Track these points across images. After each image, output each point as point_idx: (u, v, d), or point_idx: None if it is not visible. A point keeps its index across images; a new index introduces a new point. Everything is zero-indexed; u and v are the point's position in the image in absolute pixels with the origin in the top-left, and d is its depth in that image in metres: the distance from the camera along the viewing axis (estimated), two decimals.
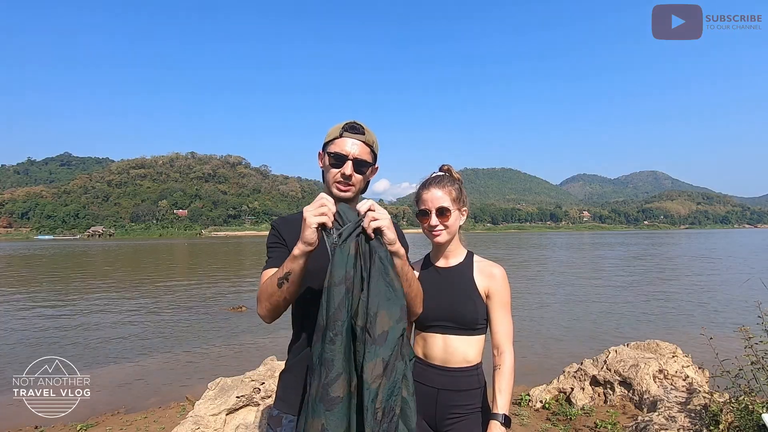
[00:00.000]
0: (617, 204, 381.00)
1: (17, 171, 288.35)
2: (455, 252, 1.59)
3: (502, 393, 1.42)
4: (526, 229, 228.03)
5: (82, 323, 9.85)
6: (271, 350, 6.48)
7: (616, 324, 9.22)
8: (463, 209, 1.58)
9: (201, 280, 18.49)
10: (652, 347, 4.49)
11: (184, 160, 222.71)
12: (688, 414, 3.03)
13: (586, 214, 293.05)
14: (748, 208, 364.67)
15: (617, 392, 4.04)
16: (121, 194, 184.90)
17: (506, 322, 1.51)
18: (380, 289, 1.14)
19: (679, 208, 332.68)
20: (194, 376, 6.10)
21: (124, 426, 4.15)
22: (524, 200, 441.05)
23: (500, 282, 1.53)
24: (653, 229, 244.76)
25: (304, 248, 1.15)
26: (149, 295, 14.31)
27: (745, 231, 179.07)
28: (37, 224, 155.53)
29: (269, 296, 1.23)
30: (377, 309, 1.12)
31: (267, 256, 1.40)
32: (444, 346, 1.50)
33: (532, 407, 4.21)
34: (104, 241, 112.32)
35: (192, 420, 3.11)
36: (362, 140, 1.37)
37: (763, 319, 2.80)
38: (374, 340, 1.10)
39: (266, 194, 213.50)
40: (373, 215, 1.17)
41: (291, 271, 1.18)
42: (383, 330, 1.11)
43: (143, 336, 8.64)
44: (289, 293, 1.21)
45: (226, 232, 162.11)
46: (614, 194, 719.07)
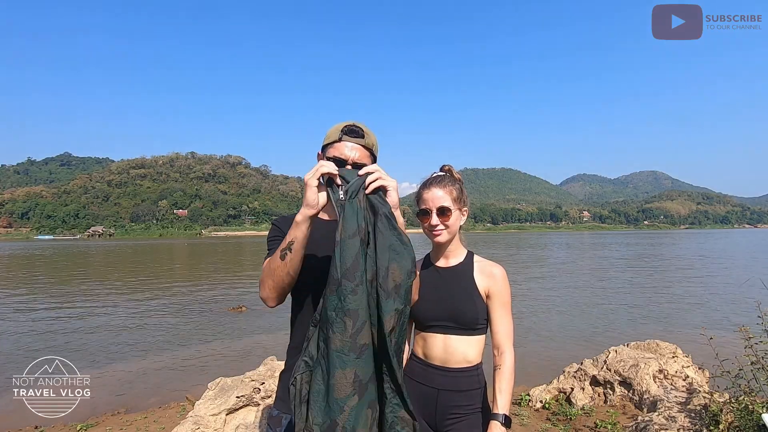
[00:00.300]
0: (617, 204, 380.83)
1: (17, 171, 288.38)
2: (455, 252, 1.59)
3: (503, 393, 1.41)
4: (526, 229, 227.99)
5: (82, 323, 9.85)
6: (271, 350, 6.49)
7: (616, 324, 9.21)
8: (464, 209, 1.58)
9: (201, 281, 18.49)
10: (652, 347, 4.49)
11: (184, 160, 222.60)
12: (688, 414, 3.03)
13: (586, 214, 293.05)
14: (748, 208, 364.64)
15: (617, 392, 4.04)
16: (121, 194, 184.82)
17: (506, 322, 1.51)
18: (389, 243, 1.17)
19: (679, 208, 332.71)
20: (194, 376, 6.10)
21: (124, 426, 4.15)
22: (524, 200, 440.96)
23: (501, 282, 1.53)
24: (653, 229, 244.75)
25: (306, 212, 1.18)
26: (149, 295, 14.31)
27: (745, 231, 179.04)
28: (37, 224, 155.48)
29: (272, 272, 1.25)
30: (387, 263, 1.16)
31: (267, 249, 1.41)
32: (444, 346, 1.50)
33: (532, 407, 4.21)
34: (104, 241, 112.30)
35: (192, 420, 3.11)
36: (362, 144, 1.36)
37: (763, 319, 2.80)
38: (388, 294, 1.14)
39: (266, 194, 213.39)
40: (378, 175, 1.20)
41: (294, 239, 1.20)
42: (396, 283, 1.15)
43: (143, 336, 8.64)
44: (292, 266, 1.23)
45: (226, 232, 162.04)
46: (614, 194, 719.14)
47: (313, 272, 1.37)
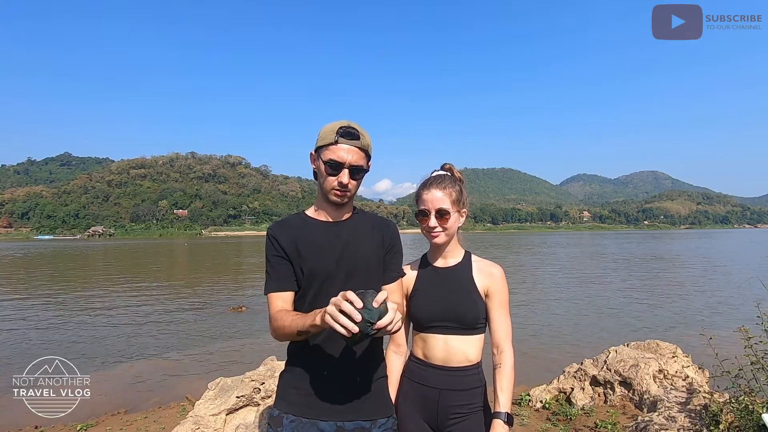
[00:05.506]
0: (617, 204, 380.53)
1: (17, 171, 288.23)
2: (453, 252, 1.59)
3: (504, 391, 1.42)
4: (526, 229, 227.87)
5: (82, 323, 9.85)
6: (271, 350, 6.47)
7: (616, 324, 9.22)
8: (463, 211, 1.57)
9: (201, 281, 18.49)
10: (652, 347, 4.48)
11: (184, 160, 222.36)
12: (688, 414, 3.02)
13: (586, 214, 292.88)
14: (748, 208, 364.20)
15: (617, 392, 4.04)
16: (121, 194, 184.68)
17: (505, 321, 1.51)
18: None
19: (679, 208, 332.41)
20: (194, 376, 6.10)
21: (124, 426, 4.15)
22: (524, 200, 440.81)
23: (499, 281, 1.53)
24: (653, 229, 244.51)
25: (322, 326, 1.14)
26: (149, 295, 14.31)
27: (745, 231, 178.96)
28: (37, 224, 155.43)
29: (286, 336, 1.30)
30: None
31: (266, 271, 1.40)
32: (445, 346, 1.49)
33: (532, 407, 4.21)
34: (104, 241, 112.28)
35: (192, 420, 3.10)
36: (357, 146, 1.35)
37: (762, 319, 2.79)
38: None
39: (266, 194, 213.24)
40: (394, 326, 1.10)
41: (310, 332, 1.22)
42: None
43: (143, 336, 8.64)
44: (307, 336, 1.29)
45: (227, 232, 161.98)
46: (614, 194, 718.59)
47: (314, 275, 1.37)
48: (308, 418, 1.34)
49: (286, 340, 1.35)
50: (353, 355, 1.37)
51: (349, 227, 1.45)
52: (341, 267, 1.38)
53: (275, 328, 1.32)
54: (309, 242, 1.39)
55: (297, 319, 1.24)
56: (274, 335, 1.34)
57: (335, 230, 1.43)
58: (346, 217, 1.47)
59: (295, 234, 1.40)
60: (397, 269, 1.51)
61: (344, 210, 1.46)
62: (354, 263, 1.40)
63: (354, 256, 1.40)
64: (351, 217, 1.48)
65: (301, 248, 1.38)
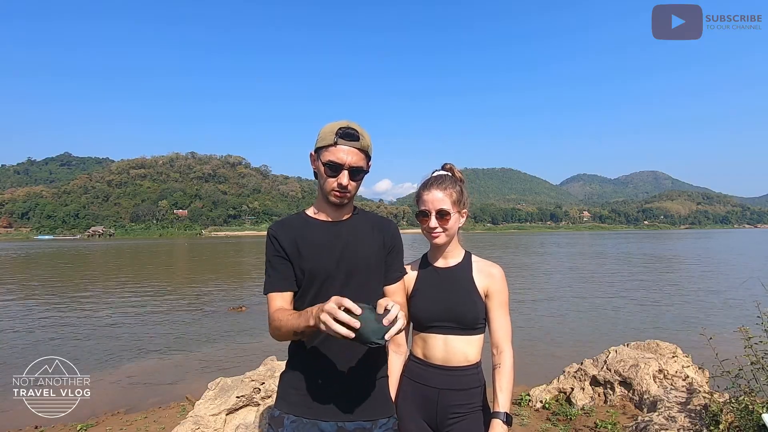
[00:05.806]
0: (617, 204, 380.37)
1: (17, 171, 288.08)
2: (453, 252, 1.59)
3: (503, 391, 1.42)
4: (526, 229, 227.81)
5: (82, 323, 9.85)
6: (271, 350, 6.47)
7: (616, 324, 9.22)
8: (463, 211, 1.57)
9: (201, 281, 18.49)
10: (652, 347, 4.48)
11: (184, 160, 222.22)
12: (688, 414, 3.02)
13: (586, 214, 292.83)
14: (748, 208, 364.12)
15: (617, 392, 4.04)
16: (121, 194, 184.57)
17: (505, 322, 1.52)
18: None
19: (679, 208, 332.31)
20: (194, 376, 6.10)
21: (124, 426, 4.15)
22: (524, 200, 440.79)
23: (499, 281, 1.53)
24: (653, 229, 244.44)
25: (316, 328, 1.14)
26: (149, 295, 14.31)
27: (745, 231, 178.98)
28: (37, 224, 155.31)
29: (284, 335, 1.31)
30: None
31: (266, 270, 1.40)
32: (445, 346, 1.49)
33: (532, 407, 4.21)
34: (104, 241, 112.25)
35: (192, 420, 3.10)
36: (357, 147, 1.35)
37: (762, 319, 2.79)
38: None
39: (266, 194, 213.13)
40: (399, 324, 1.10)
41: (306, 332, 1.22)
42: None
43: (143, 336, 8.64)
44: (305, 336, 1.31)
45: (227, 232, 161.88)
46: (614, 194, 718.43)
47: (314, 275, 1.37)
48: (309, 418, 1.34)
49: (285, 339, 1.35)
50: (354, 355, 1.37)
51: (349, 227, 1.45)
52: (341, 267, 1.39)
53: (274, 328, 1.32)
54: (309, 242, 1.39)
55: (291, 319, 1.24)
56: (273, 335, 1.34)
57: (335, 230, 1.43)
58: (346, 217, 1.48)
59: (295, 234, 1.40)
60: (400, 269, 1.52)
61: (344, 210, 1.47)
62: (354, 263, 1.40)
63: (354, 256, 1.40)
64: (351, 217, 1.49)
65: (302, 248, 1.38)
